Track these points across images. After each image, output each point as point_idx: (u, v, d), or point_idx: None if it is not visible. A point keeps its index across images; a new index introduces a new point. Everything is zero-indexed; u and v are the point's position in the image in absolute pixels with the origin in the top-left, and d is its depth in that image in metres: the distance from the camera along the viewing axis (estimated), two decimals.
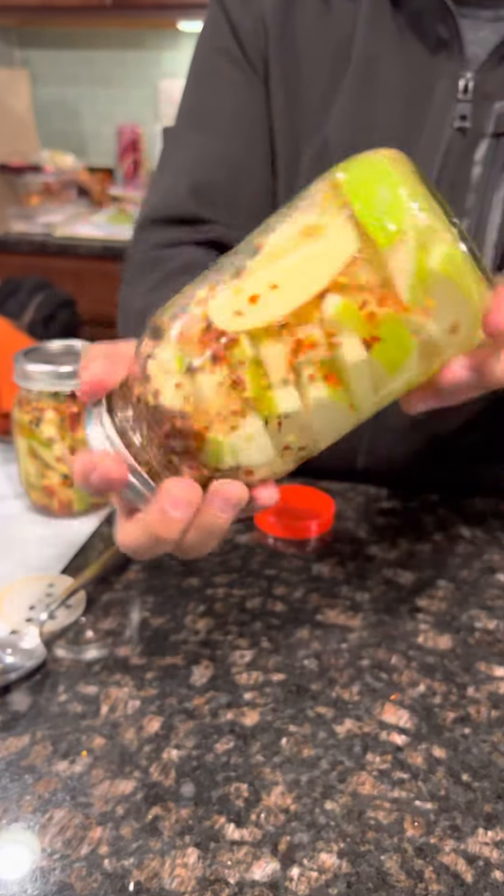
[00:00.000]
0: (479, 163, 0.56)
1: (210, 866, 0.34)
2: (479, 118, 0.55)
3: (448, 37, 0.54)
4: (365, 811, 0.37)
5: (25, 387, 0.57)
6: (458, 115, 0.55)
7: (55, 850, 0.35)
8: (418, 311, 0.30)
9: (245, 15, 0.61)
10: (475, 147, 0.56)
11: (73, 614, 0.50)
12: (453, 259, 0.30)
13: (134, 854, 0.34)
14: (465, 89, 0.55)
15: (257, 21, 0.60)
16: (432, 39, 0.55)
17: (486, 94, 0.54)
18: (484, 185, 0.56)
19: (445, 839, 0.36)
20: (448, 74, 0.55)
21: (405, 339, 0.31)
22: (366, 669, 0.46)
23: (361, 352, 0.31)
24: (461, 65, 0.55)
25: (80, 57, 2.25)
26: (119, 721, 0.42)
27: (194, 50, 0.65)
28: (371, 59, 0.57)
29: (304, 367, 0.31)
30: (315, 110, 0.59)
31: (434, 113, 0.56)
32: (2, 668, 0.44)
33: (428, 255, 0.30)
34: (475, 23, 0.55)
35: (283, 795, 0.38)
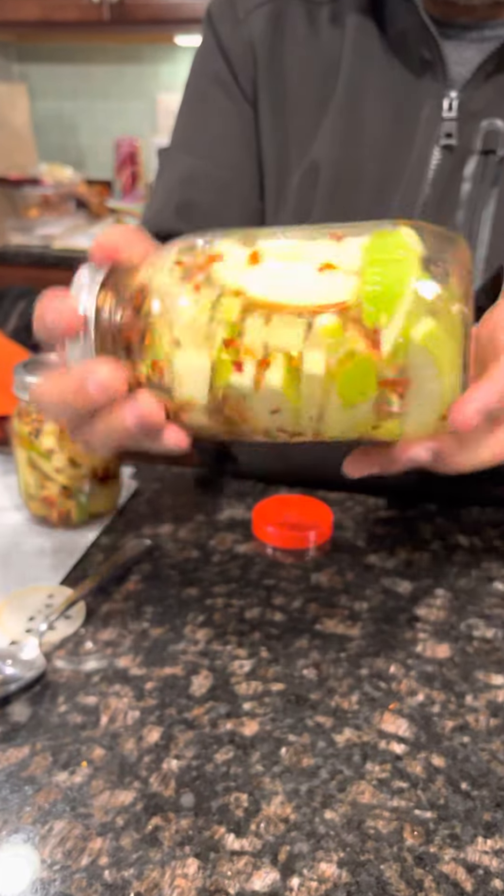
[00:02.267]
0: (467, 180, 0.57)
1: (210, 877, 0.34)
2: (466, 136, 0.56)
3: (431, 58, 0.55)
4: (364, 820, 0.37)
5: (25, 398, 0.58)
6: (444, 134, 0.56)
7: (55, 861, 0.35)
8: (392, 367, 0.32)
9: (235, 40, 0.62)
10: (463, 164, 0.56)
11: (72, 625, 0.50)
12: (434, 337, 0.31)
13: (134, 865, 0.34)
14: (449, 108, 0.55)
15: (246, 46, 0.62)
16: (416, 61, 0.56)
17: (471, 112, 0.55)
18: (473, 201, 0.57)
19: (445, 848, 0.36)
20: (433, 94, 0.56)
21: (369, 382, 0.32)
22: (365, 678, 0.46)
23: (321, 369, 0.32)
24: (445, 84, 0.56)
25: (78, 71, 2.27)
26: (119, 731, 0.42)
27: (189, 72, 0.67)
28: (358, 82, 0.58)
29: (273, 352, 0.32)
30: (303, 133, 0.61)
31: (421, 132, 0.57)
32: (1, 679, 0.44)
33: (413, 326, 0.31)
34: (460, 44, 0.56)
35: (283, 805, 0.38)
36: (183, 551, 0.59)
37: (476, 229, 0.57)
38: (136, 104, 2.26)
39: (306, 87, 0.60)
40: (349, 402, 0.33)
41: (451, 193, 0.57)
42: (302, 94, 0.61)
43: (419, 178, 0.57)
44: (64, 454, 0.58)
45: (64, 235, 1.92)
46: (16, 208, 1.97)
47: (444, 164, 0.56)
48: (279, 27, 0.61)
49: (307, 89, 0.60)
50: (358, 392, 0.32)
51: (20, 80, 2.31)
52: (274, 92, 0.61)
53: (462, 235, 0.57)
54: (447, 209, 0.57)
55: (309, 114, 0.60)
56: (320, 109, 0.60)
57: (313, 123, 0.60)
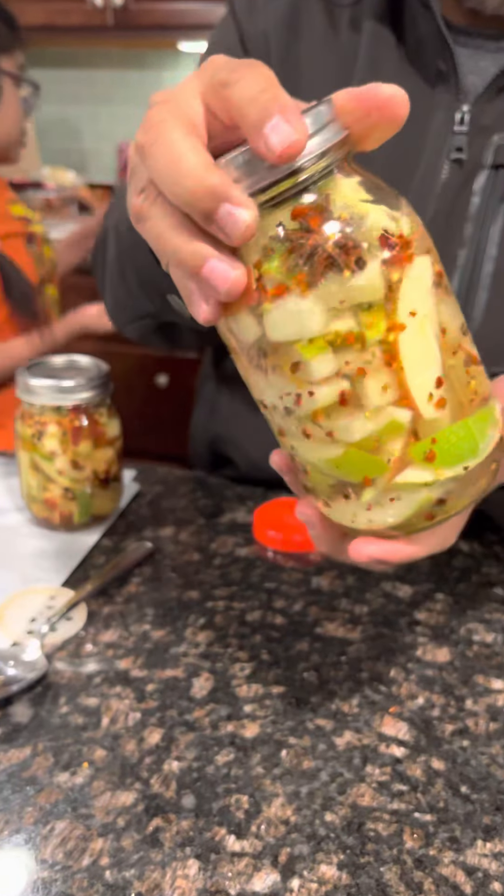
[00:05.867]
0: (477, 194, 0.56)
1: (211, 878, 0.34)
2: (477, 150, 0.55)
3: (445, 69, 0.55)
4: (364, 823, 0.37)
5: (28, 401, 0.58)
6: (455, 147, 0.55)
7: (56, 861, 0.35)
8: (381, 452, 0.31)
9: (252, 26, 0.61)
10: (473, 178, 0.56)
11: (74, 627, 0.50)
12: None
13: (135, 865, 0.35)
14: (461, 121, 0.55)
15: (260, 36, 0.61)
16: (431, 71, 0.56)
17: (483, 126, 0.55)
18: (482, 216, 0.56)
19: (444, 851, 0.36)
20: (444, 105, 0.55)
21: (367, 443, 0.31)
22: (365, 682, 0.46)
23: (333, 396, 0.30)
24: (457, 96, 0.55)
25: (81, 76, 2.28)
26: (120, 733, 0.42)
27: (208, 44, 0.66)
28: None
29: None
30: None
31: (430, 144, 0.56)
32: (3, 680, 0.44)
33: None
34: (476, 53, 0.56)
35: (284, 807, 0.38)
36: (184, 554, 0.59)
37: (483, 244, 0.56)
38: (139, 109, 2.26)
39: (319, 88, 0.60)
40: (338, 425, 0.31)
41: (459, 208, 0.57)
42: (314, 96, 0.60)
43: (427, 192, 0.56)
44: (66, 457, 0.58)
45: None
46: None
47: (453, 177, 0.56)
48: (296, 23, 0.60)
49: (320, 91, 0.60)
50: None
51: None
52: (286, 88, 0.60)
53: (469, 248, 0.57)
54: (455, 223, 0.57)
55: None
56: None
57: None
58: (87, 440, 0.59)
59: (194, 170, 0.26)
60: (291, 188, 0.28)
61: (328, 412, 0.30)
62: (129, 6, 1.85)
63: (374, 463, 0.31)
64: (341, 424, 0.30)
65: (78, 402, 0.58)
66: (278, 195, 0.28)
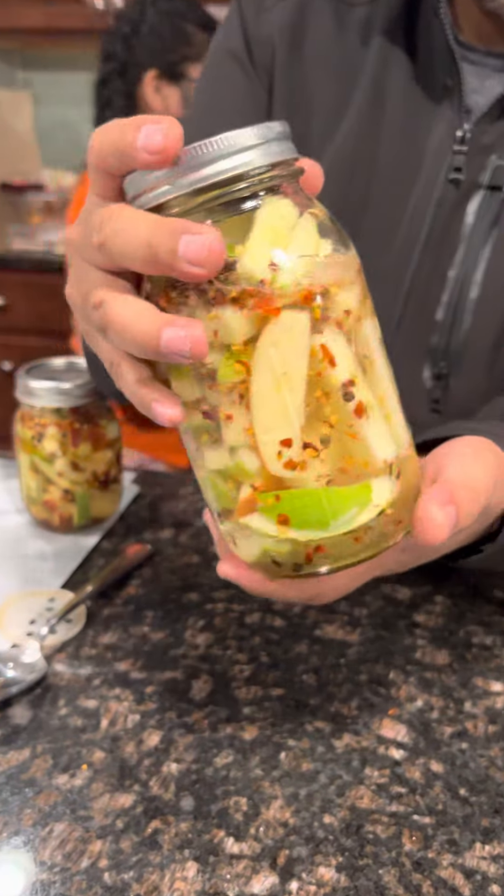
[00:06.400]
0: (471, 215, 0.55)
1: (209, 880, 0.34)
2: (475, 169, 0.54)
3: (451, 85, 0.53)
4: (363, 825, 0.37)
5: (28, 403, 0.58)
6: (453, 167, 0.54)
7: (55, 863, 0.35)
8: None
9: (258, 27, 0.60)
10: (468, 198, 0.55)
11: (73, 629, 0.50)
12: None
13: (134, 867, 0.35)
14: (461, 140, 0.54)
15: (266, 38, 0.60)
16: (438, 86, 0.54)
17: (483, 145, 0.53)
18: (473, 238, 0.55)
19: (443, 853, 0.36)
20: (447, 122, 0.54)
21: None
22: (364, 684, 0.46)
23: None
24: (460, 115, 0.54)
25: (81, 79, 2.28)
26: (119, 735, 0.42)
27: (211, 44, 0.65)
28: (375, 102, 0.56)
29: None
30: (316, 140, 0.59)
31: (429, 161, 0.55)
32: (3, 682, 0.44)
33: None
34: (482, 70, 0.54)
35: (282, 809, 0.38)
36: (183, 556, 0.59)
37: (472, 270, 0.55)
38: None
39: (323, 91, 0.58)
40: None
41: (452, 228, 0.55)
42: (318, 99, 0.59)
43: (423, 209, 0.55)
44: (66, 458, 0.58)
45: None
46: (19, 214, 1.99)
47: (448, 196, 0.55)
48: (302, 24, 0.58)
49: (324, 94, 0.58)
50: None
51: (24, 86, 2.32)
52: (290, 91, 0.59)
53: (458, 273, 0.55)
54: (447, 244, 0.56)
55: (323, 120, 0.59)
56: (335, 118, 0.58)
57: (326, 132, 0.59)
58: (87, 442, 0.59)
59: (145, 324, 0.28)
60: (201, 203, 0.27)
61: (197, 433, 0.31)
62: None
63: (225, 495, 0.32)
64: (204, 449, 0.31)
65: (77, 404, 0.58)
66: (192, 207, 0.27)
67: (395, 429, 0.32)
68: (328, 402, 0.29)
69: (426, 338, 0.58)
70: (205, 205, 0.27)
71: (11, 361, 1.94)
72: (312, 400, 0.29)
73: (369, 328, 0.31)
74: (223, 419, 0.29)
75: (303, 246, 0.28)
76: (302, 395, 0.28)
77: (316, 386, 0.29)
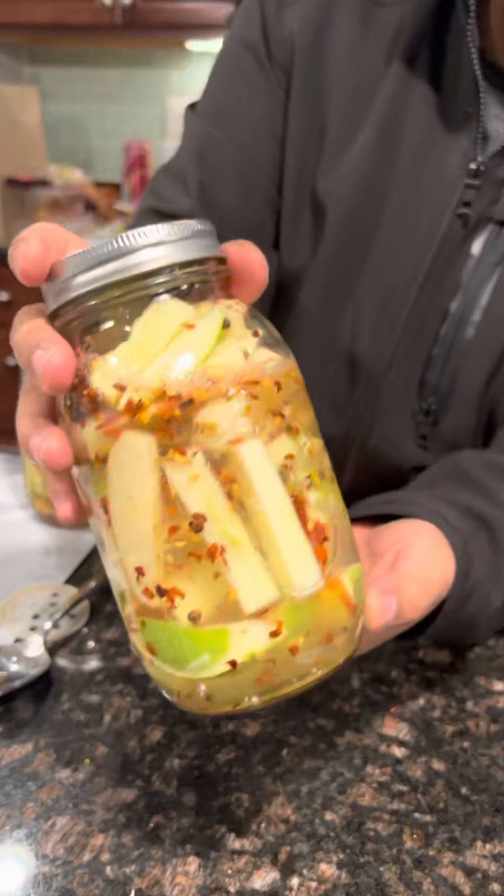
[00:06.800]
0: (476, 250, 0.53)
1: (211, 875, 0.34)
2: (484, 202, 0.51)
3: (472, 112, 0.51)
4: (364, 822, 0.37)
5: None
6: (463, 202, 0.52)
7: (57, 856, 0.35)
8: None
9: (279, 22, 0.57)
10: (475, 234, 0.52)
11: (76, 624, 0.50)
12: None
13: (135, 861, 0.35)
14: (475, 173, 0.51)
15: (286, 36, 0.57)
16: (458, 114, 0.51)
17: (497, 179, 0.51)
18: (475, 276, 0.53)
19: (444, 851, 0.36)
20: (462, 152, 0.51)
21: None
22: (366, 682, 0.46)
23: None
24: (475, 144, 0.51)
25: (89, 75, 2.28)
26: (122, 730, 0.42)
27: (228, 33, 0.62)
28: (394, 120, 0.53)
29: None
30: (329, 150, 0.57)
31: (439, 193, 0.52)
32: (6, 676, 0.44)
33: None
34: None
35: (284, 806, 0.38)
36: None
37: (470, 308, 0.54)
38: (146, 108, 2.27)
39: (341, 99, 0.55)
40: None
41: (456, 263, 0.53)
42: (335, 107, 0.56)
43: (428, 242, 0.53)
44: None
45: None
46: (24, 209, 1.99)
47: (454, 230, 0.52)
48: (327, 24, 0.55)
49: (341, 102, 0.55)
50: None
51: (31, 82, 2.32)
52: (307, 93, 0.57)
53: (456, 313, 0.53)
54: (450, 279, 0.53)
55: (337, 133, 0.56)
56: (348, 133, 0.55)
57: (340, 143, 0.56)
58: None
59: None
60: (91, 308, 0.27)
61: (97, 534, 0.30)
62: (138, 5, 1.85)
63: (121, 597, 0.30)
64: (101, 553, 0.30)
65: None
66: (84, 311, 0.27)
67: (283, 569, 0.26)
68: (179, 535, 0.26)
69: (418, 372, 0.56)
70: (91, 309, 0.26)
71: None
72: (163, 530, 0.26)
73: (258, 451, 0.26)
74: (104, 528, 0.28)
75: (188, 349, 0.26)
76: (151, 522, 0.26)
77: (167, 514, 0.26)
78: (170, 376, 0.25)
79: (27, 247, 0.27)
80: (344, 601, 0.28)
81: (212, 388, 0.25)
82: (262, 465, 0.26)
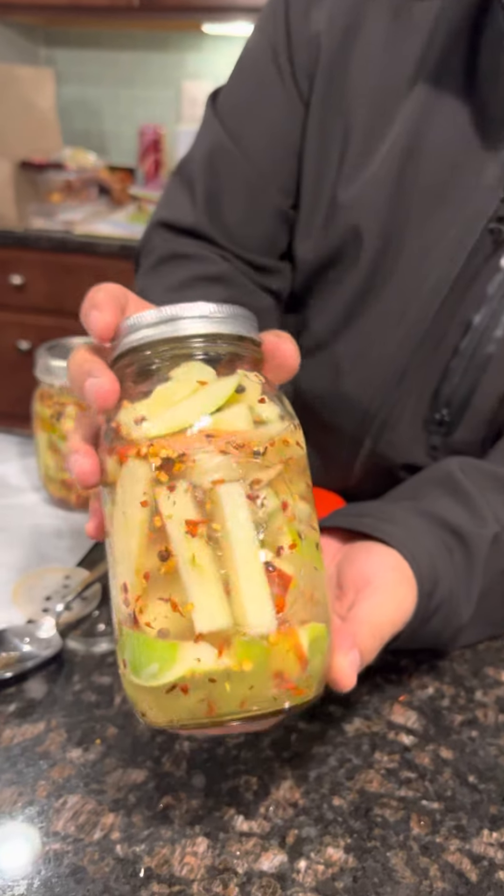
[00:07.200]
0: (503, 265, 0.51)
1: (219, 856, 0.35)
2: None
3: None
4: (372, 808, 0.38)
5: (47, 381, 0.58)
6: (496, 217, 0.50)
7: (69, 834, 0.35)
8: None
9: (304, 24, 0.55)
10: (503, 248, 0.51)
11: (88, 606, 0.51)
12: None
13: (145, 841, 0.35)
14: None
15: (312, 37, 0.55)
16: (496, 122, 0.49)
17: None
18: (501, 292, 0.51)
19: (451, 839, 0.36)
20: (499, 165, 0.49)
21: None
22: (375, 670, 0.47)
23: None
24: None
25: (104, 57, 2.27)
26: (132, 712, 0.42)
27: (252, 30, 0.60)
28: (422, 127, 0.51)
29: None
30: (351, 157, 0.55)
31: (471, 204, 0.50)
32: (18, 657, 0.45)
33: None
34: None
35: (292, 790, 0.38)
36: None
37: (494, 324, 0.53)
38: (162, 92, 2.25)
39: (367, 99, 0.53)
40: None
41: (482, 277, 0.52)
42: (361, 108, 0.54)
43: (456, 254, 0.51)
44: None
45: (85, 221, 1.92)
46: (38, 192, 1.98)
47: (484, 245, 0.51)
48: (357, 24, 0.53)
49: (368, 102, 0.53)
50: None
51: (47, 64, 2.31)
52: (330, 97, 0.55)
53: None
54: (475, 293, 0.52)
55: (363, 134, 0.54)
56: (376, 134, 0.53)
57: (366, 149, 0.54)
58: None
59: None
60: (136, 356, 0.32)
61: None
62: None
63: (115, 609, 0.32)
64: None
65: None
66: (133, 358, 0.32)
67: (240, 604, 0.28)
68: (156, 555, 0.29)
69: (434, 383, 0.56)
70: (139, 359, 0.32)
71: (28, 341, 1.94)
72: (145, 549, 0.29)
73: (237, 493, 0.29)
74: (108, 542, 0.32)
75: (200, 403, 0.30)
76: (136, 540, 0.29)
77: (150, 535, 0.29)
78: (174, 423, 0.30)
79: (101, 316, 0.32)
80: (296, 653, 0.29)
81: (208, 440, 0.29)
82: (237, 506, 0.29)
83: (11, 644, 0.46)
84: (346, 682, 0.33)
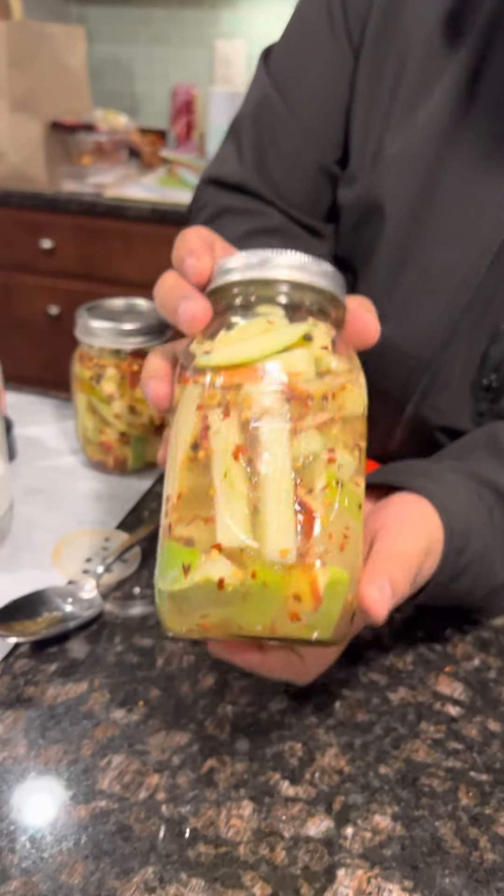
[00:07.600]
0: None
1: (265, 819, 0.35)
2: None
3: None
4: (419, 777, 0.37)
5: (87, 342, 0.58)
6: None
7: (114, 792, 0.35)
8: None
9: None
10: None
11: (128, 569, 0.50)
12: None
13: (190, 802, 0.35)
14: None
15: (363, 9, 0.54)
16: None
17: None
18: None
19: (501, 811, 0.36)
20: None
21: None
22: (419, 640, 0.46)
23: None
24: None
25: (136, 14, 2.21)
26: (174, 674, 0.42)
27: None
28: (468, 88, 0.50)
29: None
30: (398, 109, 0.54)
31: (493, 210, 0.50)
32: (61, 616, 0.45)
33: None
34: None
35: (337, 757, 0.38)
36: None
37: None
38: (194, 51, 2.20)
39: (422, 38, 0.52)
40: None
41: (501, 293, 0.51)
42: (415, 47, 0.53)
43: (479, 259, 0.51)
44: (124, 401, 0.58)
45: (115, 184, 1.90)
46: (69, 154, 1.95)
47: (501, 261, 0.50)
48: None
49: (422, 41, 0.52)
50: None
51: (78, 22, 2.26)
52: (382, 42, 0.54)
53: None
54: (500, 300, 0.51)
55: (413, 85, 0.53)
56: (429, 74, 0.52)
57: (413, 102, 0.53)
58: None
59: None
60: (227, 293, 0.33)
61: None
62: None
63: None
64: None
65: (137, 347, 0.57)
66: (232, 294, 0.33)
67: (263, 527, 0.29)
68: (197, 470, 0.31)
69: (482, 346, 0.54)
70: (228, 294, 0.33)
71: (58, 306, 1.93)
72: (187, 464, 0.31)
73: (280, 428, 0.30)
74: (168, 458, 0.34)
75: (265, 341, 0.31)
76: (183, 454, 0.31)
77: (193, 456, 0.31)
78: (237, 356, 0.31)
79: (198, 263, 0.34)
80: (311, 589, 0.29)
81: (265, 375, 0.30)
82: (278, 440, 0.30)
83: (53, 604, 0.45)
84: (377, 609, 0.31)
